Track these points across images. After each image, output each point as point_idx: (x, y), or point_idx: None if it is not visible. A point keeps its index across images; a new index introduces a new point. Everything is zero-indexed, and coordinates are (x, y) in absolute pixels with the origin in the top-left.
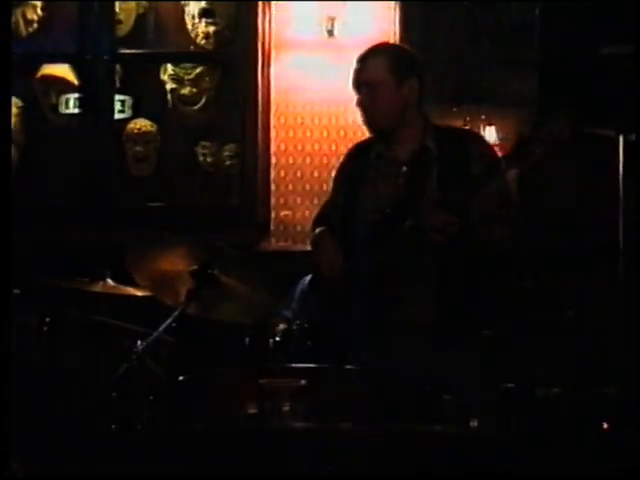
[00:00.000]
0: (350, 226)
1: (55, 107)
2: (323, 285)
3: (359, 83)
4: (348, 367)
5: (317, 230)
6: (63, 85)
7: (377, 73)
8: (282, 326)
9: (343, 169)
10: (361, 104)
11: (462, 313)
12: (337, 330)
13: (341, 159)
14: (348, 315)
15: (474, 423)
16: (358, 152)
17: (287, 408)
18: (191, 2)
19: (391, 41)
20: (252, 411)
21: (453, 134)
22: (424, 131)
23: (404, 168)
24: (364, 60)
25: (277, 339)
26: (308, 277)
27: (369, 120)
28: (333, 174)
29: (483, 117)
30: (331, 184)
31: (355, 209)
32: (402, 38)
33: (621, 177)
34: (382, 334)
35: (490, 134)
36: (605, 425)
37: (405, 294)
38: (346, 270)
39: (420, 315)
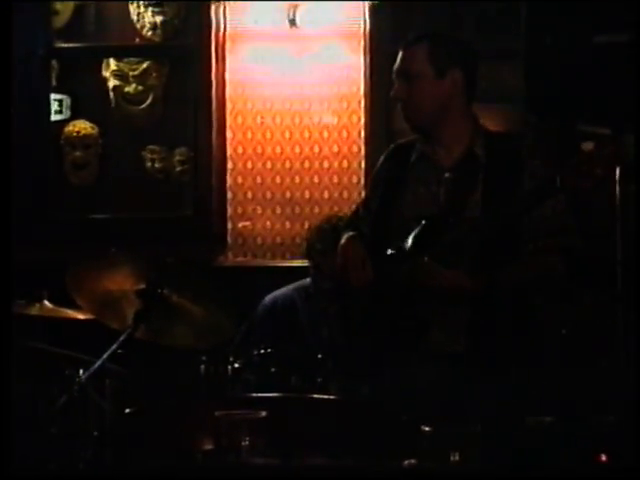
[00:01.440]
0: (382, 234)
1: None
2: (341, 298)
3: (396, 72)
4: (317, 396)
5: (345, 235)
6: None
7: (415, 62)
8: (241, 352)
9: (379, 170)
10: (395, 96)
11: (500, 346)
12: (341, 352)
13: (380, 159)
14: (366, 334)
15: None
16: (398, 152)
17: (247, 443)
18: None
19: (360, 30)
20: (208, 447)
21: (506, 141)
22: (473, 134)
23: (447, 174)
24: (403, 48)
25: (236, 366)
26: (270, 297)
27: (405, 115)
28: (297, 180)
29: None
30: (294, 192)
31: (389, 215)
32: (372, 27)
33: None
34: (402, 361)
35: None
36: (603, 457)
37: (436, 317)
38: (374, 283)
39: (450, 344)
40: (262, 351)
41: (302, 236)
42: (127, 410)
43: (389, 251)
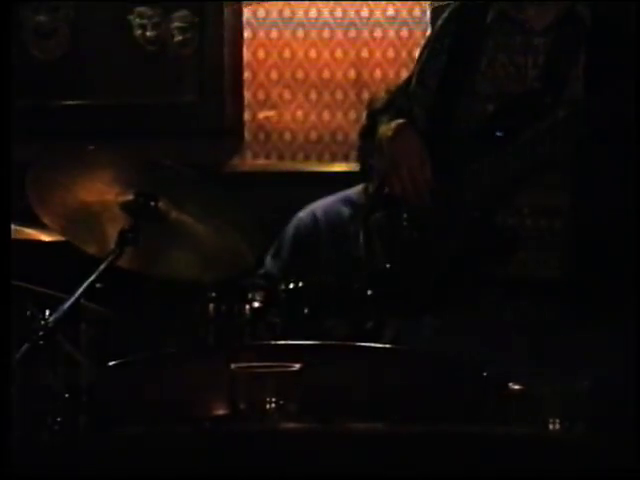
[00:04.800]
0: (445, 120)
1: None
2: (391, 207)
3: None
4: (365, 344)
5: (392, 123)
6: None
7: None
8: (264, 286)
9: (440, 33)
10: None
11: (611, 269)
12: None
13: (440, 19)
14: (423, 262)
15: (554, 424)
16: (468, 10)
17: (272, 405)
18: None
19: None
20: (220, 411)
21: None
22: None
23: (538, 40)
24: None
25: (256, 305)
26: (305, 212)
27: None
28: (338, 54)
29: None
30: (335, 71)
31: (455, 94)
32: None
33: None
34: (478, 289)
35: None
36: None
37: (525, 230)
38: (435, 186)
39: (540, 266)
40: (292, 285)
41: (346, 131)
42: (109, 363)
43: (456, 142)
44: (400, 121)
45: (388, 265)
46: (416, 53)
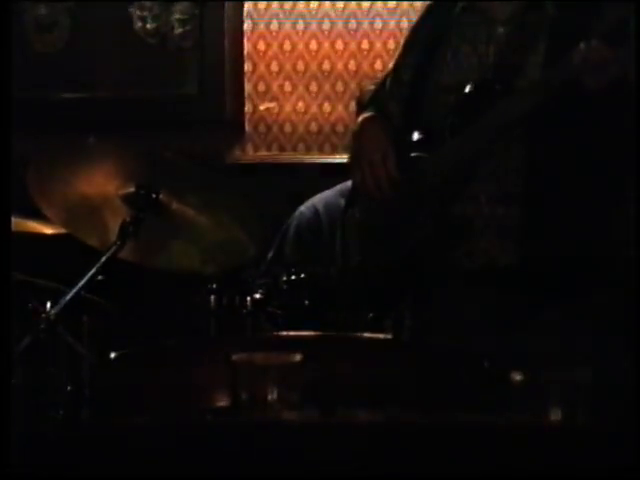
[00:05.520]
0: (416, 111)
1: None
2: (362, 200)
3: None
4: (367, 335)
5: (361, 117)
6: None
7: None
8: (265, 278)
9: (416, 28)
10: None
11: (573, 252)
12: (372, 277)
13: (414, 19)
14: (396, 251)
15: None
16: (437, 5)
17: (274, 396)
18: None
19: None
20: (222, 402)
21: None
22: None
23: (501, 30)
24: None
25: (257, 296)
26: (306, 205)
27: None
28: (339, 46)
29: None
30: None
31: (424, 87)
32: None
33: None
34: (443, 280)
35: None
36: None
37: (484, 216)
38: (399, 180)
39: (503, 253)
40: (293, 276)
41: (346, 122)
42: (111, 355)
43: (416, 134)
44: (367, 115)
45: (359, 258)
46: None
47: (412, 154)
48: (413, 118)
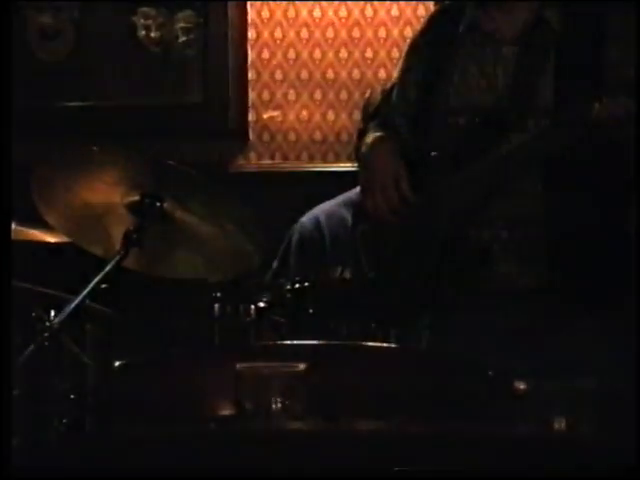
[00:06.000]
0: (423, 133)
1: None
2: (373, 223)
3: None
4: (371, 344)
5: (370, 137)
6: None
7: None
8: (269, 286)
9: (418, 42)
10: None
11: (587, 277)
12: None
13: (417, 28)
14: (406, 272)
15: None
16: (442, 20)
17: (278, 405)
18: None
19: None
20: (226, 411)
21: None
22: None
23: (507, 50)
24: None
25: (261, 305)
26: (309, 215)
27: None
28: (343, 54)
29: None
30: (339, 71)
31: (432, 107)
32: None
33: None
34: (457, 301)
35: None
36: None
37: (499, 242)
38: (414, 201)
39: (518, 276)
40: (297, 285)
41: (350, 131)
42: (114, 364)
43: (427, 155)
44: (377, 135)
45: (372, 275)
46: None
47: (425, 174)
48: (422, 138)
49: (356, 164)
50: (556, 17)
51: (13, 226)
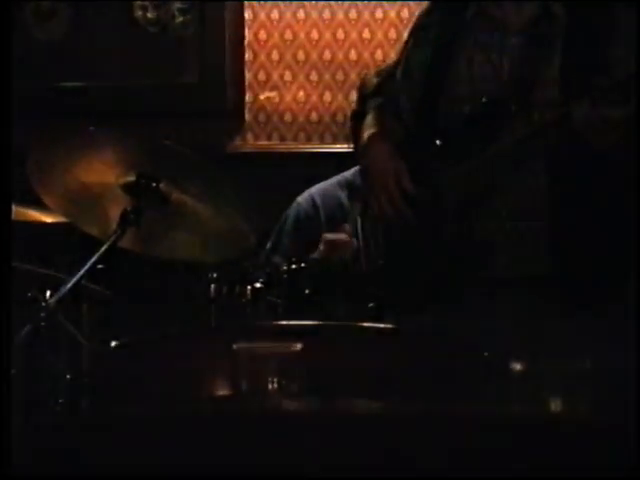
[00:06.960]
0: (428, 116)
1: None
2: (376, 218)
3: None
4: (368, 324)
5: (367, 132)
6: None
7: None
8: (265, 267)
9: (423, 25)
10: None
11: (589, 267)
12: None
13: (418, 12)
14: (409, 265)
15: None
16: (448, 6)
17: (274, 385)
18: None
19: None
20: (222, 391)
21: None
22: None
23: (514, 39)
24: None
25: (257, 285)
26: (305, 195)
27: None
28: (340, 35)
29: None
30: (336, 52)
31: (437, 90)
32: None
33: None
34: (460, 290)
35: None
36: None
37: (502, 233)
38: (415, 195)
39: (520, 266)
40: (293, 265)
41: (346, 112)
42: (111, 344)
43: (431, 142)
44: (372, 132)
45: (381, 262)
46: None
47: (427, 161)
48: (425, 122)
49: (352, 145)
50: (563, 12)
51: None
